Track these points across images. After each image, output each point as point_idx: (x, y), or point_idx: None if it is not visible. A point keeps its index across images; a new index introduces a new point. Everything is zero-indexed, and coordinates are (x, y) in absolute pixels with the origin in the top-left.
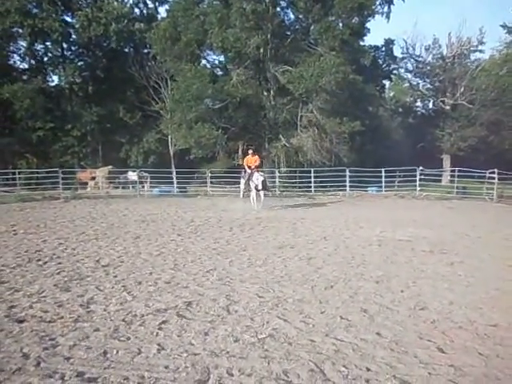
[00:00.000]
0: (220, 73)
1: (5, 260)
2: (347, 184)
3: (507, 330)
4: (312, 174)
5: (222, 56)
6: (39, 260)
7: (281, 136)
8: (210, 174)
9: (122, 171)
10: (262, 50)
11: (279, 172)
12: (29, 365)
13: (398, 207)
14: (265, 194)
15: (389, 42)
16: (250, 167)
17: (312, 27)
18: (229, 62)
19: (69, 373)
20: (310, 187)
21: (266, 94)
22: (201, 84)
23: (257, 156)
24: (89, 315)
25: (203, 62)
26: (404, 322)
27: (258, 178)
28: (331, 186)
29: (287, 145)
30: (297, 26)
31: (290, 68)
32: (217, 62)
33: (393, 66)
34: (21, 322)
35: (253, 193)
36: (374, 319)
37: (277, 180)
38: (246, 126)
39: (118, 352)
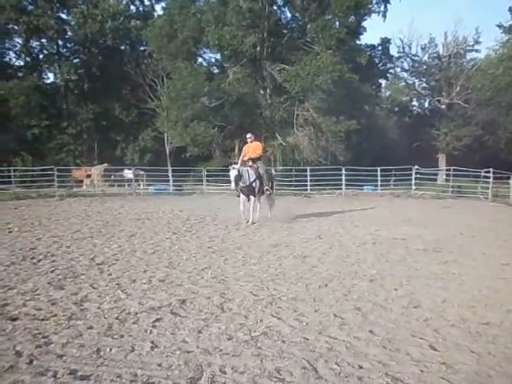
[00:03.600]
0: (216, 71)
1: None
2: (343, 183)
3: (499, 327)
4: (308, 173)
5: (219, 54)
6: (33, 258)
7: (277, 134)
8: (205, 173)
9: (117, 169)
10: (258, 49)
11: (275, 170)
12: (21, 363)
13: (394, 206)
14: (268, 200)
15: (385, 41)
16: (244, 160)
17: (308, 26)
18: (225, 60)
19: (61, 370)
20: (306, 186)
21: (262, 92)
22: (197, 82)
23: (258, 143)
24: (82, 313)
25: (199, 59)
26: (397, 320)
27: (250, 177)
28: (327, 185)
29: (283, 143)
30: (293, 25)
31: (287, 66)
32: (213, 60)
33: (389, 65)
34: (14, 319)
35: (241, 199)
36: (368, 317)
37: None
38: (242, 124)
39: (111, 350)
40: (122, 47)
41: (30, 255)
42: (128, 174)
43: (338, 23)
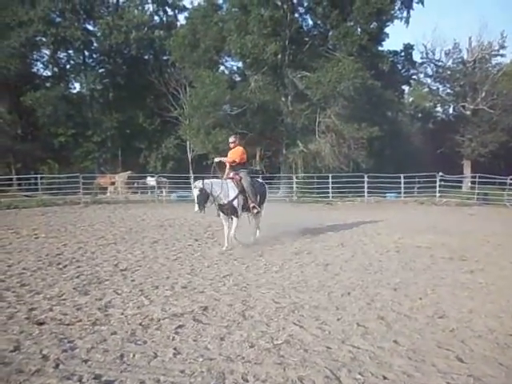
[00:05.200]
0: (238, 79)
1: (26, 263)
2: (365, 190)
3: None
4: (330, 180)
5: (240, 62)
6: (59, 264)
7: (298, 142)
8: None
9: (140, 176)
10: (279, 56)
11: (296, 178)
12: (48, 366)
13: (417, 213)
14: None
15: (408, 47)
16: (227, 166)
17: (330, 33)
18: (247, 68)
19: (86, 375)
20: (328, 193)
21: (283, 99)
22: (219, 90)
23: (241, 148)
24: (106, 318)
25: (221, 68)
26: (422, 330)
27: (229, 193)
28: (349, 192)
29: (305, 150)
30: (315, 32)
31: (308, 74)
32: (235, 68)
33: (412, 71)
34: (41, 324)
35: (223, 219)
36: (392, 327)
37: (294, 186)
38: (263, 131)
39: (134, 355)
40: (146, 57)
41: (56, 261)
42: (151, 181)
43: (359, 30)
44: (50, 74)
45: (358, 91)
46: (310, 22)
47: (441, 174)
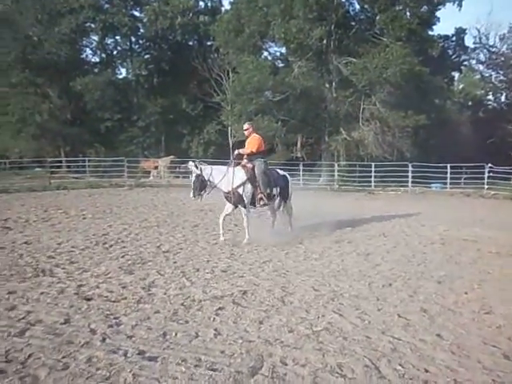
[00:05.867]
0: (281, 65)
1: (74, 242)
2: (409, 180)
3: None
4: (372, 169)
5: (284, 48)
6: (105, 243)
7: (341, 129)
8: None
9: (182, 161)
10: (324, 41)
11: (338, 166)
12: (95, 340)
13: (464, 205)
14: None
15: (460, 32)
16: (258, 153)
17: (378, 17)
18: (291, 53)
19: (131, 350)
20: (370, 182)
21: (327, 86)
22: (262, 76)
23: (257, 136)
24: (150, 298)
25: (265, 53)
26: (467, 326)
27: (235, 180)
28: (392, 182)
29: (348, 138)
30: (362, 16)
31: (354, 59)
32: (278, 53)
33: (463, 57)
34: (88, 300)
35: (226, 207)
36: (435, 320)
37: (335, 174)
38: (305, 118)
39: (176, 334)
40: (190, 42)
41: (103, 241)
42: (192, 166)
43: (409, 13)
44: (98, 59)
45: (405, 78)
46: (357, 6)
47: (490, 165)
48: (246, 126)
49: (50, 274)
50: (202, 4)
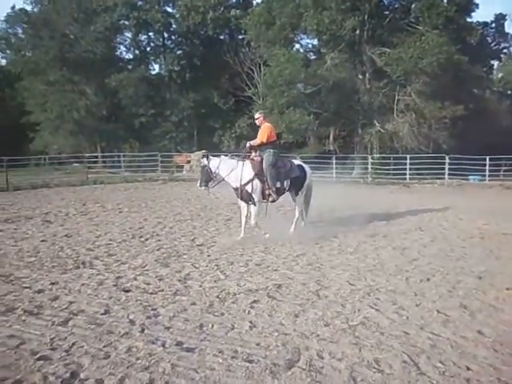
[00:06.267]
0: (313, 57)
1: (112, 235)
2: (446, 172)
3: None
4: (407, 161)
5: (316, 39)
6: (141, 237)
7: (375, 121)
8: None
9: (214, 155)
10: (357, 32)
11: (372, 158)
12: (135, 330)
13: (504, 199)
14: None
15: (499, 18)
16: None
17: (413, 5)
18: (323, 45)
19: (169, 341)
20: (405, 175)
21: (360, 77)
22: (294, 68)
23: (267, 125)
24: (186, 290)
25: (296, 46)
26: (510, 322)
27: (243, 176)
28: (428, 174)
29: (382, 130)
30: (396, 5)
31: (388, 49)
32: (310, 45)
33: (503, 45)
34: (127, 291)
35: (240, 204)
36: (476, 316)
37: (369, 167)
38: (338, 110)
39: (212, 326)
40: (222, 37)
41: (139, 234)
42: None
43: (446, 0)
44: (131, 56)
45: (442, 67)
46: None
47: None
48: (256, 115)
49: (90, 266)
50: None
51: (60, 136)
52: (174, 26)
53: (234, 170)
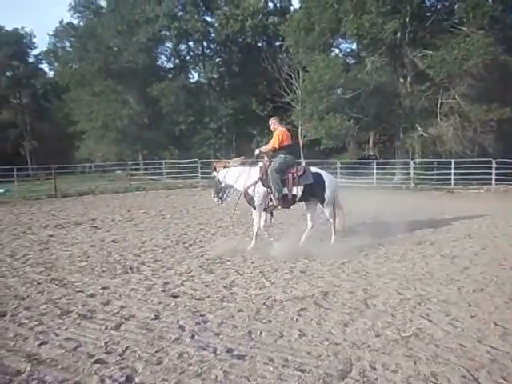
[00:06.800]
0: (352, 61)
1: (156, 241)
2: (493, 177)
3: None
4: (452, 166)
5: (355, 44)
6: (185, 243)
7: (417, 125)
8: (340, 165)
9: (253, 161)
10: (398, 35)
11: (414, 163)
12: (185, 336)
13: None
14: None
15: None
16: (280, 148)
17: (456, 5)
18: (363, 49)
19: (220, 348)
20: (450, 180)
21: (401, 80)
22: (333, 74)
23: (279, 130)
24: (232, 296)
25: (335, 51)
26: None
27: (249, 179)
28: (474, 179)
29: (425, 134)
30: (439, 6)
31: (431, 52)
32: (348, 50)
33: None
34: (175, 297)
35: (256, 215)
36: None
37: (411, 172)
38: (378, 115)
39: (261, 333)
40: (260, 44)
41: (182, 240)
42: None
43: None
44: (171, 65)
45: (487, 68)
46: None
47: None
48: (270, 121)
49: (138, 272)
50: (271, 5)
51: (104, 144)
52: (212, 34)
53: (241, 175)
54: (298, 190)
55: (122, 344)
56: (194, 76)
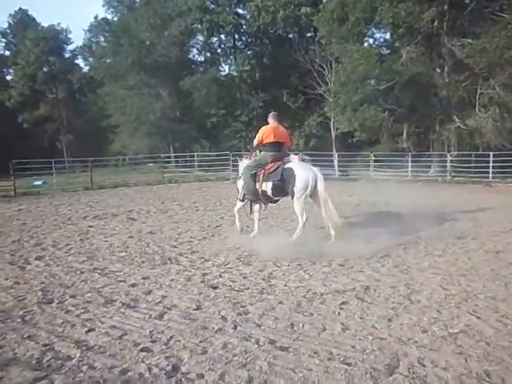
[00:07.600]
0: (386, 51)
1: (192, 232)
2: None
3: None
4: (491, 158)
5: (389, 33)
6: (220, 235)
7: (454, 117)
8: (373, 158)
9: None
10: (436, 23)
11: (451, 156)
12: (227, 327)
13: None
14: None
15: None
16: (262, 145)
17: None
18: (398, 39)
19: (262, 339)
20: (488, 173)
21: (438, 70)
22: (368, 64)
23: (266, 126)
24: (271, 289)
25: (370, 41)
26: None
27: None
28: None
29: (462, 126)
30: None
31: (470, 40)
32: (382, 40)
33: None
34: (214, 288)
35: (256, 208)
36: None
37: (448, 164)
38: (413, 106)
39: (303, 326)
40: (291, 35)
41: (217, 232)
42: (294, 159)
43: None
44: (203, 58)
45: None
46: None
47: None
48: (271, 115)
49: (176, 262)
50: None
51: (137, 137)
52: (244, 26)
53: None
54: (267, 186)
55: (167, 333)
56: (225, 69)
